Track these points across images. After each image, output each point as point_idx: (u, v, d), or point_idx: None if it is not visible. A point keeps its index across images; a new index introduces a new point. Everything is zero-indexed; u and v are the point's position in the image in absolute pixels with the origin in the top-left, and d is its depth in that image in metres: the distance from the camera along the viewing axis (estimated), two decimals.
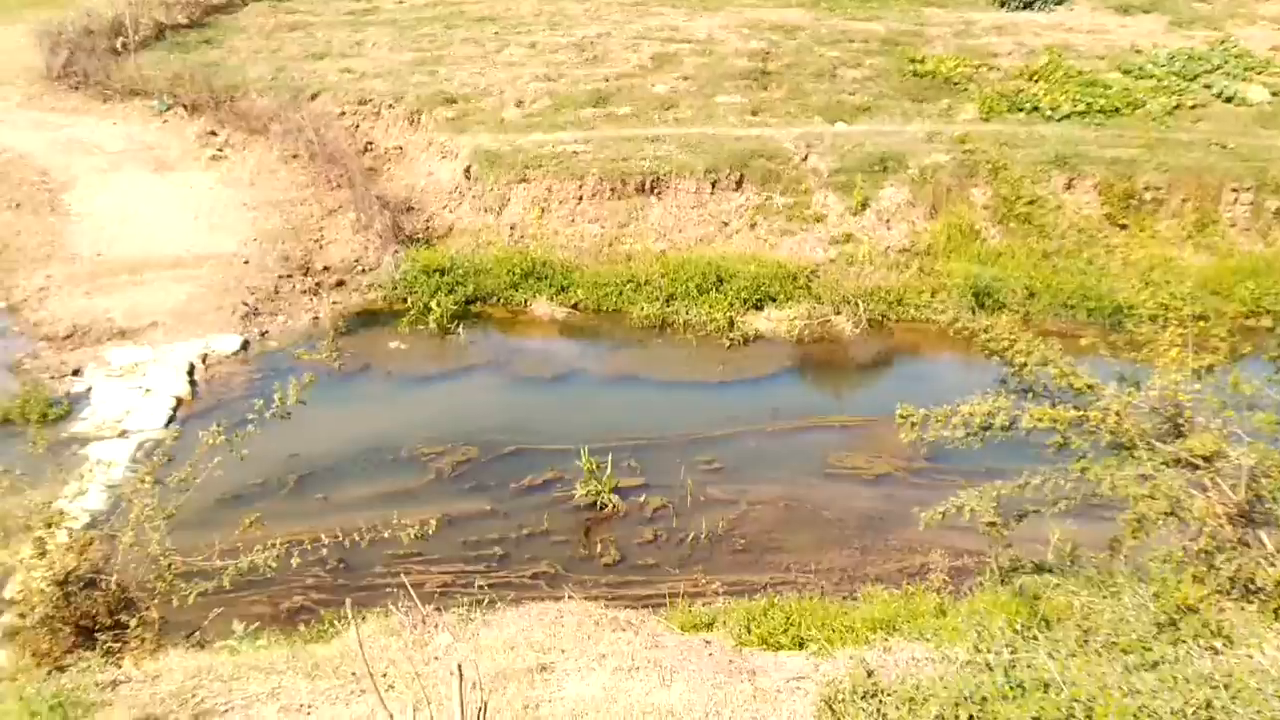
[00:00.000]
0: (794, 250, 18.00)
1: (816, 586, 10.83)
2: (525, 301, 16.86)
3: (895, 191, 18.81)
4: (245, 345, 15.23)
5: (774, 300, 16.64)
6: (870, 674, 5.38)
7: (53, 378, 13.85)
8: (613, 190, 18.63)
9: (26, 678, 5.38)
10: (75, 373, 14.12)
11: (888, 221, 18.50)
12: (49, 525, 7.31)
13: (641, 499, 12.52)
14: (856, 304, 16.45)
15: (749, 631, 8.42)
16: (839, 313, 16.46)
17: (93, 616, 7.10)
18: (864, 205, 18.58)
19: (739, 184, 18.94)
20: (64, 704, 5.00)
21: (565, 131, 20.18)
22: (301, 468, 12.59)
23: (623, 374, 15.60)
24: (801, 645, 8.26)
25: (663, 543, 11.99)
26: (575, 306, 16.84)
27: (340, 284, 17.14)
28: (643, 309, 16.50)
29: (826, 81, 22.61)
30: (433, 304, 16.29)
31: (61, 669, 6.62)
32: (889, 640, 8.07)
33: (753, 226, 18.51)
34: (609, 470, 12.53)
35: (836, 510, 12.55)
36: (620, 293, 16.83)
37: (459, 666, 4.01)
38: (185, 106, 21.77)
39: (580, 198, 18.60)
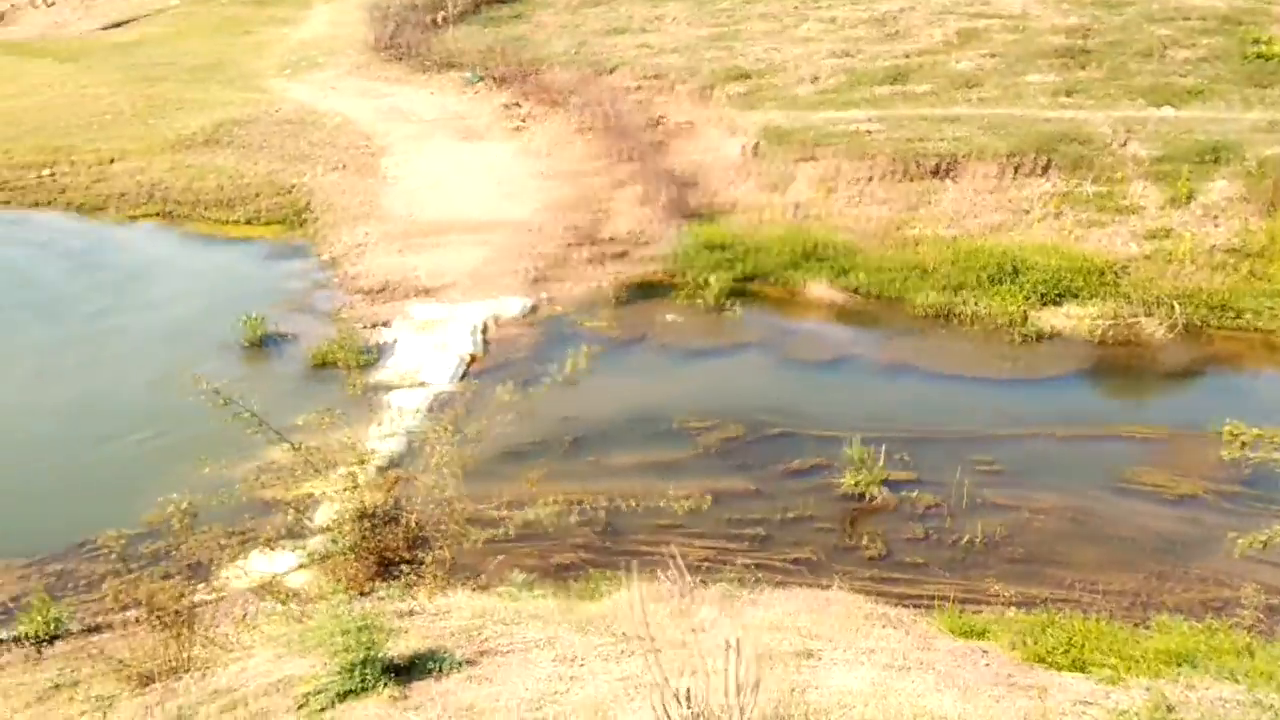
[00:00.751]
0: (1102, 243, 16.60)
1: (1103, 608, 9.94)
2: (802, 282, 16.59)
3: (1226, 185, 16.93)
4: (531, 309, 15.95)
5: (1074, 296, 15.41)
6: (1170, 709, 4.82)
7: (364, 327, 15.11)
8: (904, 172, 17.96)
9: (335, 598, 5.85)
10: (384, 325, 15.34)
11: (1215, 217, 16.67)
12: (360, 462, 7.95)
13: (912, 494, 11.99)
14: (1171, 306, 14.94)
15: (1025, 646, 7.84)
16: (1149, 314, 15.01)
17: (392, 549, 7.67)
18: (1189, 198, 16.83)
19: (1045, 169, 17.70)
20: (368, 627, 5.38)
21: (858, 109, 19.65)
22: (576, 430, 13.00)
23: (900, 363, 15.01)
24: (1082, 669, 7.61)
25: (932, 542, 11.43)
26: (854, 290, 16.38)
27: (622, 255, 17.60)
28: (926, 297, 15.79)
29: (1154, 61, 20.68)
30: (709, 279, 16.37)
31: (364, 594, 7.17)
32: (1189, 676, 7.26)
33: (1057, 215, 17.24)
34: (880, 462, 12.10)
35: (1130, 529, 11.47)
36: (904, 279, 16.20)
37: (736, 642, 3.95)
38: (493, 79, 23.12)
39: (869, 178, 18.07)
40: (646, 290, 16.84)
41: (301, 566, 9.90)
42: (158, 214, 18.44)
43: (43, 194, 18.94)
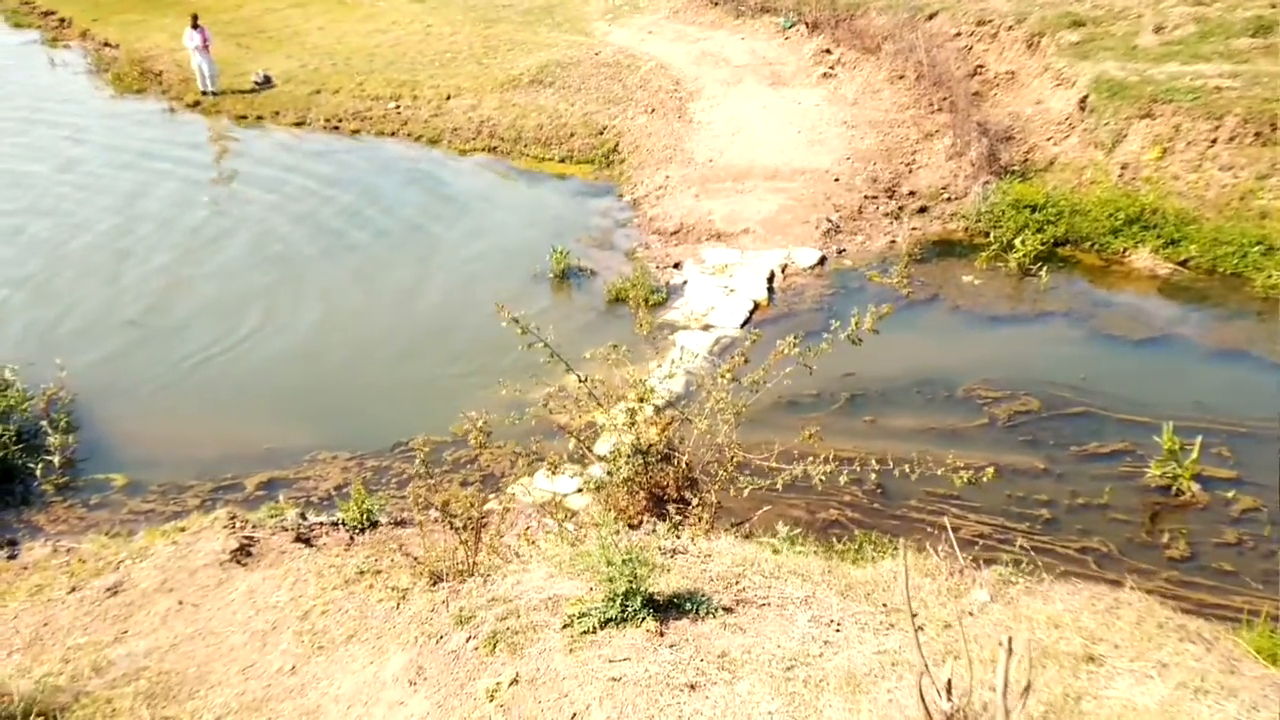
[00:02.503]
0: None
1: None
2: (1124, 251, 15.21)
3: None
4: (822, 260, 15.71)
5: None
6: None
7: (657, 268, 15.52)
8: (1257, 135, 15.87)
9: (607, 529, 6.13)
10: (676, 266, 15.68)
11: None
12: (641, 400, 8.23)
13: (1229, 494, 10.79)
14: None
15: None
16: None
17: (663, 487, 7.92)
18: None
19: None
20: (635, 560, 5.60)
21: (1208, 64, 17.53)
22: (854, 387, 12.73)
23: (1231, 347, 13.44)
24: None
25: (1246, 549, 10.25)
26: (1184, 263, 14.81)
27: (922, 210, 16.91)
28: (1271, 277, 14.00)
29: None
30: (1017, 242, 15.39)
31: (634, 526, 7.47)
32: None
33: None
34: (1194, 454, 10.96)
35: None
36: (1245, 254, 14.43)
37: (1009, 640, 3.74)
38: (806, 24, 22.69)
39: (1214, 140, 16.13)
40: (945, 249, 16.11)
41: (580, 491, 10.49)
42: (485, 148, 19.78)
43: (390, 124, 20.82)
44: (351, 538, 9.62)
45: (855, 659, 5.27)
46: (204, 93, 22.17)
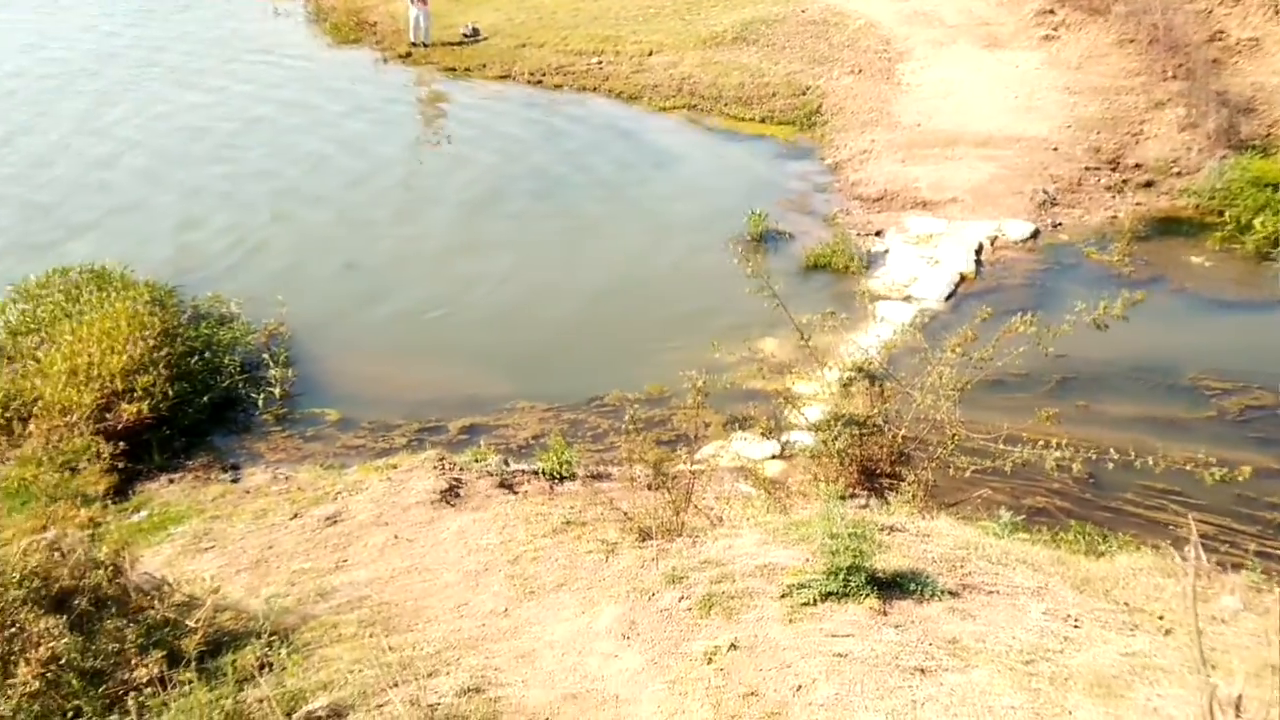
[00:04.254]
0: None
1: None
2: None
3: None
4: (1035, 234, 14.86)
5: None
6: None
7: (858, 235, 15.06)
8: None
9: (830, 501, 5.95)
10: (877, 234, 15.17)
11: None
12: (857, 369, 7.98)
13: None
14: None
15: None
16: None
17: (875, 461, 7.67)
18: None
19: None
20: (859, 535, 5.41)
21: None
22: (1065, 369, 12.00)
23: None
24: None
25: None
26: None
27: (1148, 184, 15.75)
28: None
29: None
30: (1255, 222, 14.14)
31: (842, 499, 7.25)
32: None
33: None
34: None
35: None
36: None
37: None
38: None
39: None
40: (1171, 227, 14.96)
41: (776, 457, 10.34)
42: (684, 106, 19.63)
43: (591, 80, 20.94)
44: (551, 487, 9.80)
45: (1101, 659, 4.93)
46: (414, 44, 22.88)
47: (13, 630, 4.86)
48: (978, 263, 14.35)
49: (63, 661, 4.85)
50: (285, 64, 22.57)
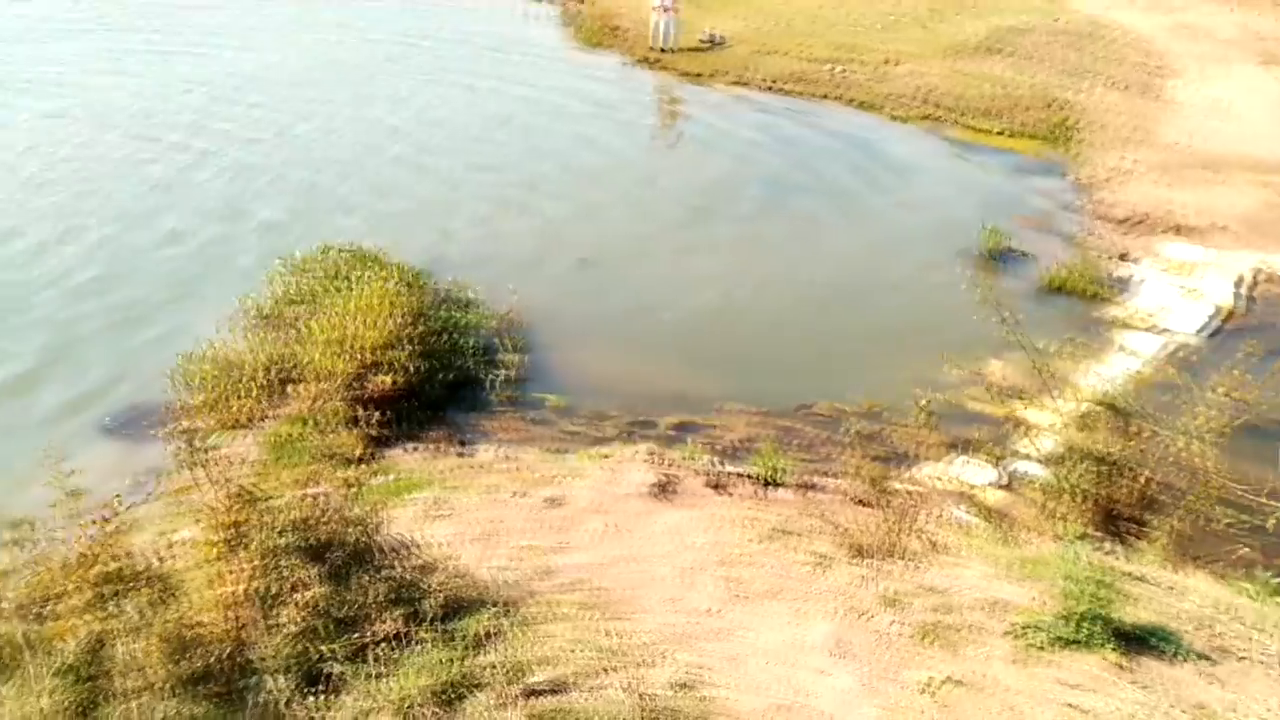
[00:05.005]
0: None
1: None
2: None
3: None
4: None
5: None
6: None
7: (1106, 258, 14.18)
8: None
9: (1070, 541, 5.65)
10: (1125, 258, 14.24)
11: None
12: (1102, 402, 7.52)
13: None
14: None
15: None
16: None
17: (1117, 503, 7.21)
18: None
19: None
20: (1102, 581, 5.11)
21: None
22: None
23: None
24: None
25: None
26: None
27: None
28: None
29: None
30: None
31: (1077, 539, 6.86)
32: None
33: None
34: None
35: None
36: None
37: None
38: None
39: None
40: None
41: (998, 486, 9.89)
42: (923, 116, 19.12)
43: (829, 87, 20.76)
44: (761, 492, 9.78)
45: None
46: (655, 48, 23.37)
47: (280, 573, 5.35)
48: (1243, 296, 13.22)
49: (319, 608, 5.29)
50: (535, 66, 23.54)
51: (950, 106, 18.92)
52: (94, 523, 5.36)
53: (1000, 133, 18.15)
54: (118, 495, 6.67)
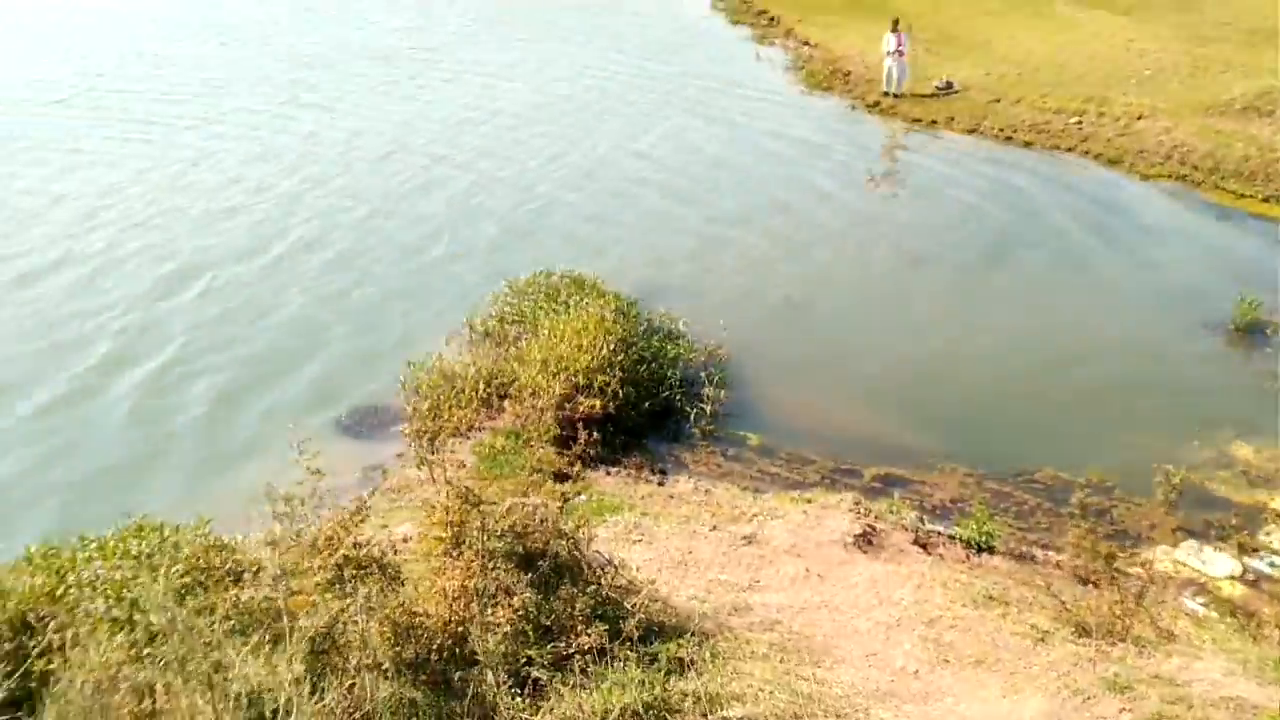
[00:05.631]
0: None
1: None
2: None
3: None
4: None
5: None
6: None
7: None
8: None
9: None
10: None
11: None
12: None
13: None
14: None
15: None
16: None
17: None
18: None
19: None
20: None
21: None
22: None
23: None
24: None
25: None
26: None
27: None
28: None
29: None
30: None
31: None
32: None
33: None
34: None
35: None
36: None
37: None
38: None
39: None
40: None
41: (1239, 578, 9.12)
42: (1172, 176, 17.98)
43: (1067, 139, 19.88)
44: (969, 556, 9.38)
45: None
46: (885, 93, 23.09)
47: (495, 575, 5.55)
48: None
49: (527, 613, 5.45)
50: (758, 106, 23.71)
51: (1203, 167, 17.70)
52: (343, 510, 5.75)
53: (1262, 198, 16.80)
54: (374, 490, 7.11)
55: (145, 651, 4.57)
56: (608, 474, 11.08)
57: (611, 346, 12.10)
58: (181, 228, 16.95)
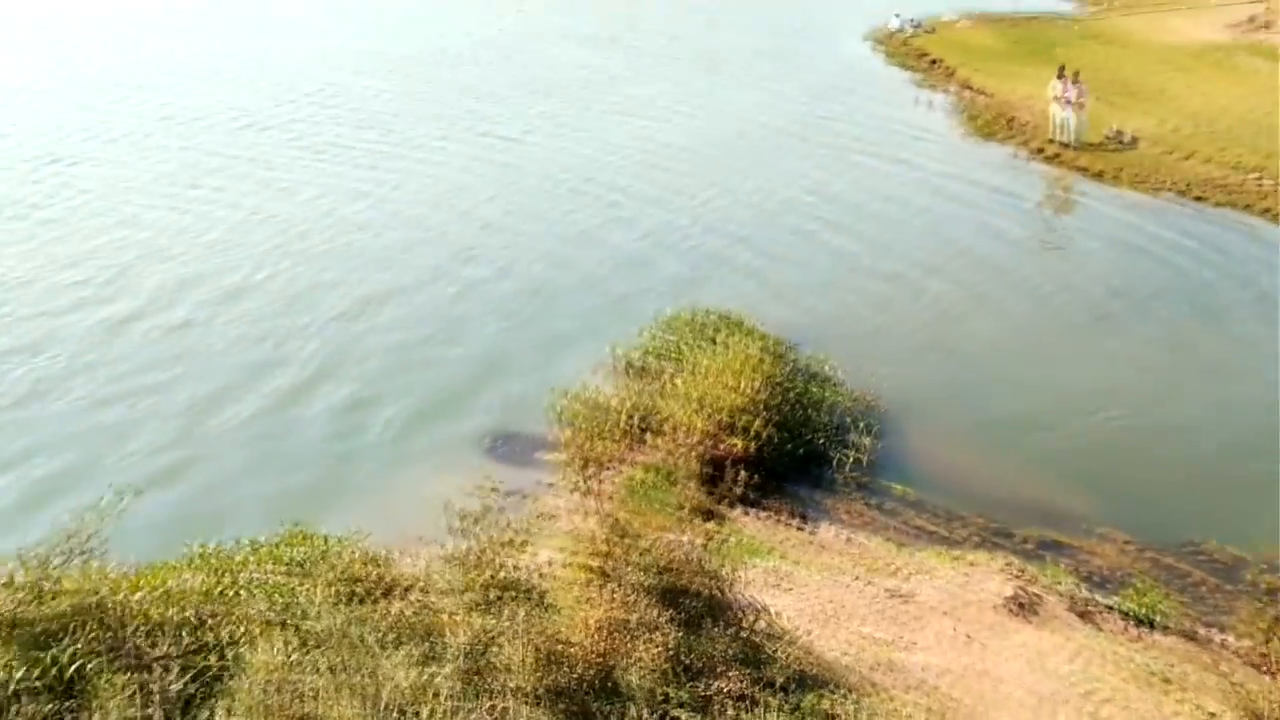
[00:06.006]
0: None
1: None
2: None
3: None
4: None
5: None
6: None
7: None
8: None
9: None
10: None
11: None
12: None
13: None
14: None
15: None
16: None
17: None
18: None
19: None
20: None
21: None
22: None
23: None
24: None
25: None
26: None
27: None
28: None
29: None
30: None
31: None
32: None
33: None
34: None
35: None
36: None
37: None
38: None
39: None
40: None
41: None
42: None
43: (1246, 196, 18.86)
44: (1131, 630, 8.85)
45: None
46: (1053, 140, 22.34)
47: (641, 610, 5.51)
48: None
49: (672, 652, 5.39)
50: (923, 150, 23.24)
51: None
52: (498, 531, 5.85)
53: None
54: (539, 515, 7.21)
55: (305, 655, 4.73)
56: (750, 515, 10.93)
57: (759, 386, 12.00)
58: (370, 253, 17.73)
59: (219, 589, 6.02)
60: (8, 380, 13.64)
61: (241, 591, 5.96)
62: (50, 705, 4.19)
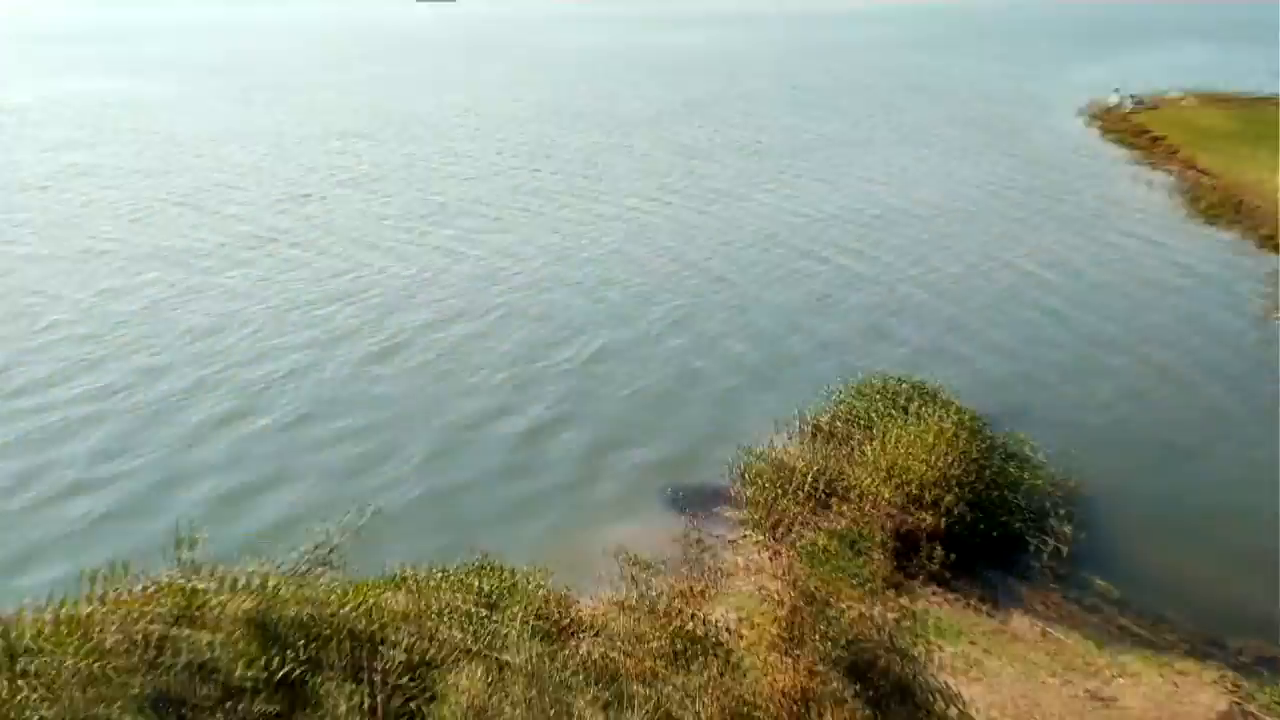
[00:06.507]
0: None
1: None
2: None
3: None
4: None
5: None
6: None
7: None
8: None
9: None
10: None
11: None
12: None
13: None
14: None
15: None
16: None
17: None
18: None
19: None
20: None
21: None
22: None
23: None
24: None
25: None
26: None
27: None
28: None
29: None
30: None
31: None
32: None
33: None
34: None
35: None
36: None
37: None
38: None
39: None
40: None
41: None
42: None
43: None
44: None
45: None
46: None
47: (827, 682, 5.33)
48: None
49: None
50: (1142, 229, 22.08)
51: None
52: (685, 583, 5.82)
53: None
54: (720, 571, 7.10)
55: (501, 686, 4.81)
56: (937, 595, 10.45)
57: (954, 461, 11.54)
58: (564, 294, 18.63)
59: (415, 612, 6.22)
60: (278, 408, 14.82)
61: (435, 616, 6.12)
62: (276, 704, 4.41)
